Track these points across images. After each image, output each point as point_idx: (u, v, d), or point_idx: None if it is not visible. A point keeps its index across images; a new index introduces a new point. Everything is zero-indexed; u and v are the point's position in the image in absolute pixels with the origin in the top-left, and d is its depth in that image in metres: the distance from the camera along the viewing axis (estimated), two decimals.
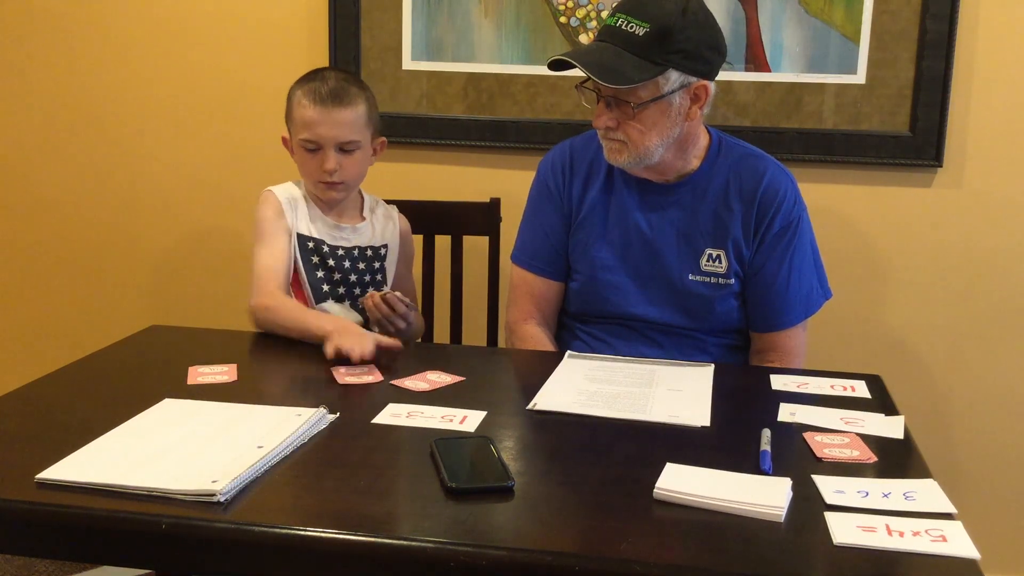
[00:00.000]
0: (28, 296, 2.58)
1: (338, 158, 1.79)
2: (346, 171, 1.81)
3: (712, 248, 1.77)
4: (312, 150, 1.79)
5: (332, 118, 1.78)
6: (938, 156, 2.14)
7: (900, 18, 2.11)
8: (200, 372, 1.50)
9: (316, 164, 1.80)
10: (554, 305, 1.89)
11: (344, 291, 1.85)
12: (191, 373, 1.50)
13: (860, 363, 1.88)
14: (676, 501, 1.09)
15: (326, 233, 1.85)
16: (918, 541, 1.00)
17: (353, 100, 1.80)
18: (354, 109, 1.80)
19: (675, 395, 1.46)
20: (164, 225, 2.49)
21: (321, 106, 1.77)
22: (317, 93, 1.78)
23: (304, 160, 1.82)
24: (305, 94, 1.79)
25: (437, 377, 1.51)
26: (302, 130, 1.79)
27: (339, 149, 1.79)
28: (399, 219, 1.99)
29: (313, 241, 1.84)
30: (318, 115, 1.77)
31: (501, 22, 2.25)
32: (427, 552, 0.98)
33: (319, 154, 1.79)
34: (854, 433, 1.32)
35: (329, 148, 1.78)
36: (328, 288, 1.84)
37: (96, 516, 1.03)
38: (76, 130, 2.48)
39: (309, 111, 1.78)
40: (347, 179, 1.82)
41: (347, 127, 1.79)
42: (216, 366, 1.53)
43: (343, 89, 1.79)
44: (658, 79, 1.63)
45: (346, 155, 1.80)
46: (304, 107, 1.78)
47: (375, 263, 1.90)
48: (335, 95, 1.78)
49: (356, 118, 1.80)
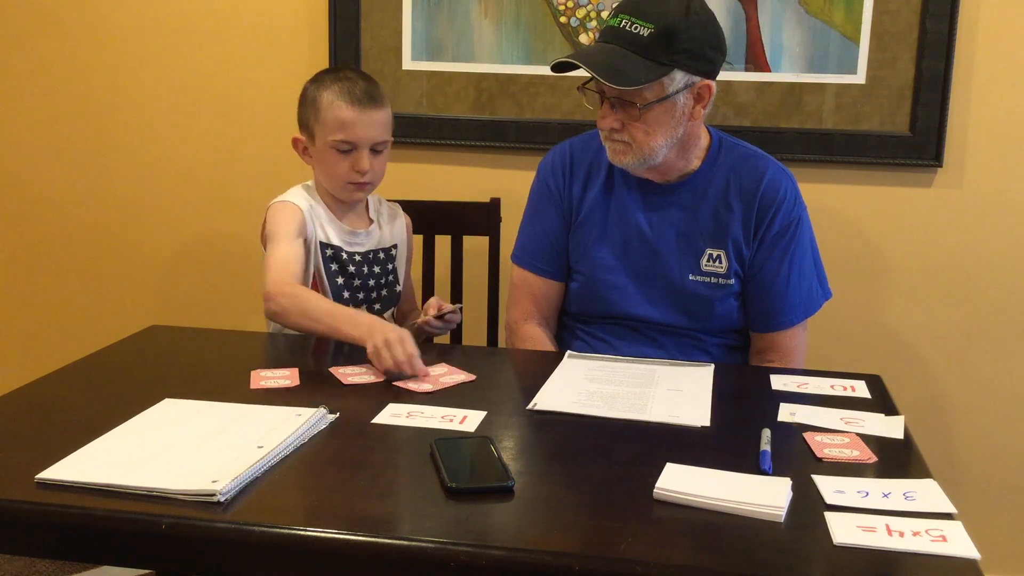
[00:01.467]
0: (29, 296, 2.58)
1: (369, 158, 1.79)
2: (375, 171, 1.81)
3: (712, 248, 1.77)
4: (346, 151, 1.78)
5: (369, 118, 1.77)
6: (938, 156, 2.14)
7: (900, 18, 2.11)
8: (263, 376, 1.48)
9: (348, 165, 1.79)
10: (554, 305, 1.89)
11: (362, 296, 1.85)
12: (254, 377, 1.47)
13: (860, 363, 1.87)
14: (676, 501, 1.09)
15: (342, 240, 1.85)
16: (918, 541, 1.00)
17: (383, 100, 1.81)
18: (385, 110, 1.81)
19: (675, 395, 1.46)
20: (164, 225, 2.49)
21: (359, 107, 1.77)
22: (352, 94, 1.77)
23: (334, 161, 1.79)
24: (338, 95, 1.77)
25: (446, 372, 1.51)
26: (336, 131, 1.77)
27: (371, 150, 1.79)
28: (403, 216, 1.99)
29: (332, 248, 1.83)
30: (355, 116, 1.76)
31: (501, 22, 2.25)
32: (427, 552, 0.98)
33: (352, 155, 1.78)
34: (854, 433, 1.32)
35: (364, 148, 1.78)
36: (348, 295, 1.84)
37: (96, 516, 1.03)
38: (76, 130, 2.48)
39: (345, 112, 1.76)
40: (375, 179, 1.83)
41: (381, 127, 1.80)
42: (278, 370, 1.51)
43: (374, 90, 1.80)
44: (663, 80, 1.63)
45: (376, 155, 1.81)
46: (339, 108, 1.77)
47: (388, 264, 1.91)
48: (370, 96, 1.78)
49: (387, 118, 1.82)
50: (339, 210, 1.86)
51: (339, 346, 1.71)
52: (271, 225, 1.79)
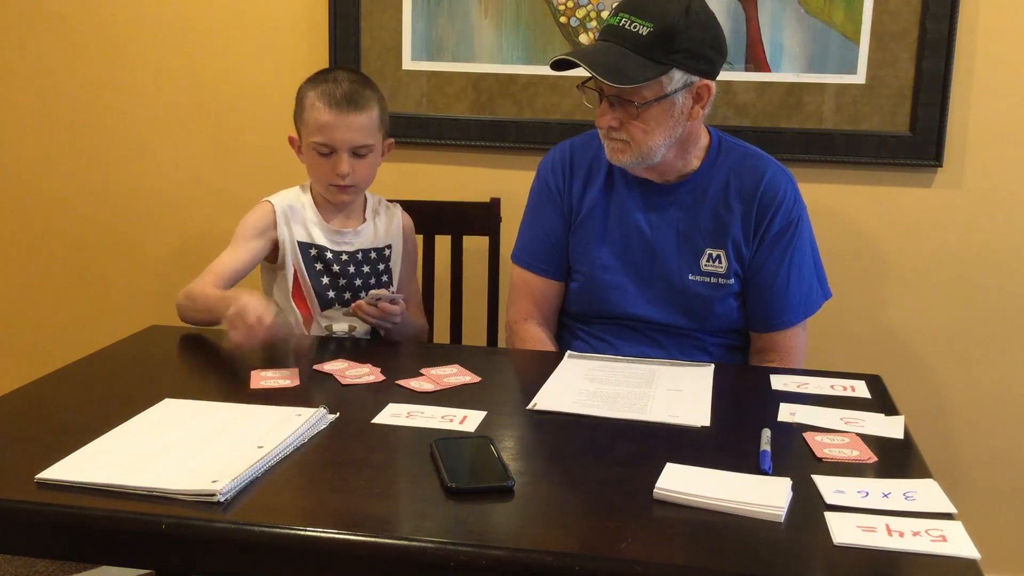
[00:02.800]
0: (29, 296, 2.58)
1: (351, 162, 1.77)
2: (358, 174, 1.79)
3: (712, 248, 1.77)
4: (325, 154, 1.77)
5: (347, 122, 1.75)
6: (938, 156, 2.14)
7: (900, 18, 2.11)
8: (263, 376, 1.48)
9: (328, 167, 1.78)
10: (554, 305, 1.89)
11: (350, 296, 1.84)
12: (254, 377, 1.47)
13: (860, 363, 1.87)
14: (676, 501, 1.09)
15: (327, 239, 1.84)
16: (918, 541, 1.00)
17: (367, 104, 1.78)
18: (368, 113, 1.78)
19: (675, 395, 1.46)
20: (164, 225, 2.49)
21: (336, 110, 1.75)
22: (332, 96, 1.75)
23: (316, 163, 1.79)
24: (319, 97, 1.76)
25: (455, 372, 1.51)
26: (315, 133, 1.76)
27: (352, 153, 1.77)
28: (402, 216, 1.97)
29: (315, 248, 1.82)
30: (332, 119, 1.75)
31: (501, 22, 2.25)
32: (427, 552, 0.98)
33: (332, 158, 1.77)
34: (854, 433, 1.32)
35: (342, 152, 1.76)
36: (334, 295, 1.83)
37: (96, 516, 1.03)
38: (76, 131, 2.48)
39: (323, 115, 1.75)
40: (359, 182, 1.81)
41: (361, 132, 1.77)
42: (280, 370, 1.51)
43: (357, 93, 1.77)
44: (662, 79, 1.63)
45: (359, 159, 1.79)
46: (318, 110, 1.75)
47: (379, 265, 1.89)
48: (350, 99, 1.75)
49: (370, 122, 1.78)
50: (329, 210, 1.86)
51: (340, 346, 1.71)
52: (238, 227, 1.82)
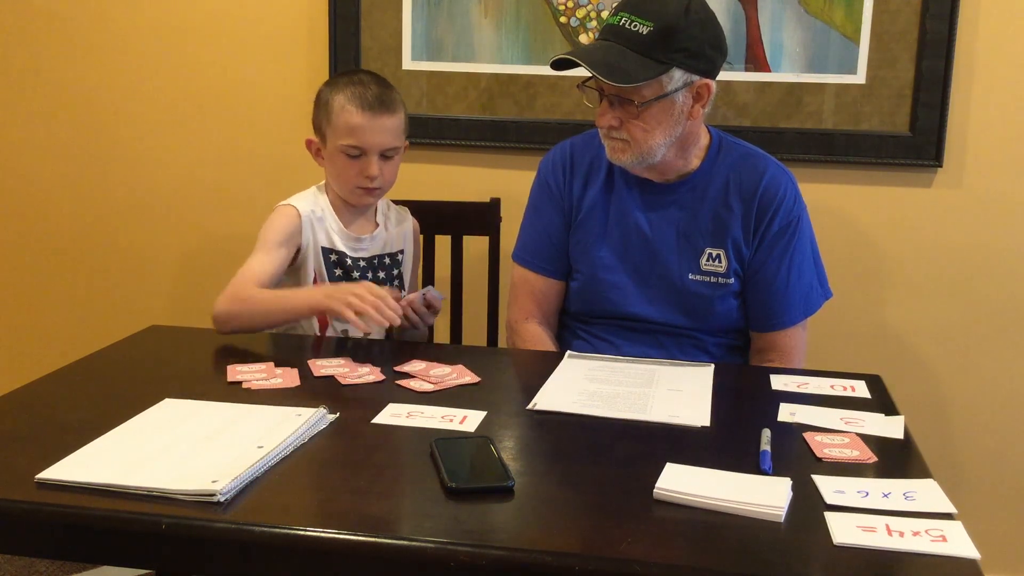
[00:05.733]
0: (29, 296, 2.58)
1: (379, 164, 1.79)
2: (385, 177, 1.81)
3: (712, 248, 1.77)
4: (354, 156, 1.78)
5: (379, 125, 1.77)
6: (938, 156, 2.14)
7: (900, 18, 2.11)
8: (239, 371, 1.49)
9: (357, 170, 1.79)
10: (555, 304, 1.89)
11: None
12: (230, 372, 1.48)
13: (860, 363, 1.87)
14: (676, 501, 1.09)
15: (346, 245, 1.84)
16: (918, 541, 1.00)
17: (396, 106, 1.80)
18: (397, 116, 1.80)
19: (675, 395, 1.46)
20: (164, 225, 2.49)
21: (369, 112, 1.76)
22: (363, 99, 1.76)
23: (344, 165, 1.80)
24: (349, 100, 1.77)
25: (452, 373, 1.51)
26: (346, 136, 1.77)
27: (381, 155, 1.79)
28: (411, 220, 1.99)
29: (335, 254, 1.83)
30: (365, 121, 1.76)
31: (501, 22, 2.25)
32: (427, 552, 0.98)
33: (361, 160, 1.78)
34: (854, 433, 1.32)
35: (373, 154, 1.78)
36: None
37: (96, 516, 1.03)
38: (77, 131, 2.48)
39: (355, 117, 1.76)
40: (385, 185, 1.82)
41: (392, 134, 1.79)
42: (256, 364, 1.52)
43: (386, 95, 1.79)
44: (662, 78, 1.63)
45: (386, 161, 1.80)
46: (349, 113, 1.76)
47: (393, 269, 1.90)
48: (381, 102, 1.77)
49: (399, 124, 1.81)
50: (346, 213, 1.86)
51: (340, 346, 1.71)
52: (261, 231, 1.81)
